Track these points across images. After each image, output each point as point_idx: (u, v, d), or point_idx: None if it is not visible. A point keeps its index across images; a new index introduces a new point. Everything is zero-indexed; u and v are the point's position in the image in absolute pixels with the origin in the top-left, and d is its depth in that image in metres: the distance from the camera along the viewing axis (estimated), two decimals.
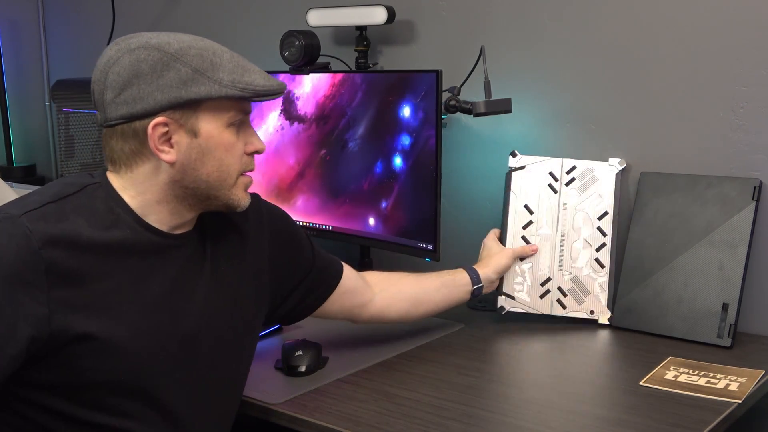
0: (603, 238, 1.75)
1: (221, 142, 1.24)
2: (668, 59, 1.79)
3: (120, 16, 2.66)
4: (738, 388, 1.44)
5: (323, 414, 1.39)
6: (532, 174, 1.80)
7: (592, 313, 1.73)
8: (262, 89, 1.24)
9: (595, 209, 1.76)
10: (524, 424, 1.34)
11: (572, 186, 1.77)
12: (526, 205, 1.78)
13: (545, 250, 1.77)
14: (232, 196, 1.28)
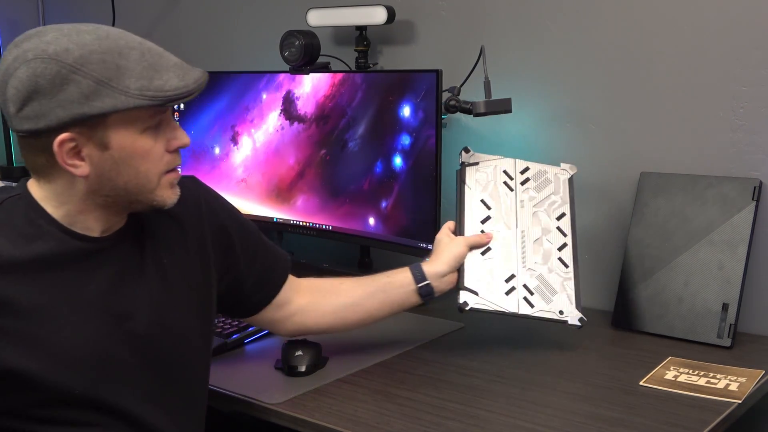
0: (564, 238, 1.66)
1: (135, 151, 1.18)
2: (668, 59, 1.79)
3: (120, 16, 2.66)
4: (738, 388, 1.44)
5: (323, 414, 1.39)
6: (486, 171, 1.72)
7: (562, 314, 1.60)
8: (175, 93, 1.16)
9: (552, 210, 1.69)
10: (524, 424, 1.34)
11: (527, 186, 1.70)
12: (482, 200, 1.68)
13: (506, 247, 1.63)
14: (156, 198, 1.24)
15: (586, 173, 1.92)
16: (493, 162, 1.73)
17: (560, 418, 1.36)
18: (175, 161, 1.25)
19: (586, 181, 1.92)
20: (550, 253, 1.65)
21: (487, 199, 1.68)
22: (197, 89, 1.19)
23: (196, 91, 1.19)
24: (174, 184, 1.26)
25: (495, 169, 1.72)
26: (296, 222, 2.11)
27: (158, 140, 1.21)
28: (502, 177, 1.71)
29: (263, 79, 2.13)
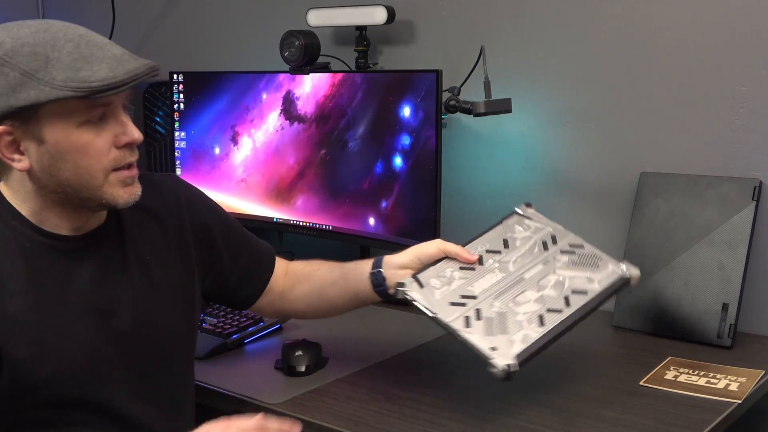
0: (563, 306, 1.37)
1: (72, 146, 1.14)
2: (668, 59, 1.79)
3: (120, 16, 2.66)
4: (738, 388, 1.44)
5: (323, 414, 1.39)
6: (533, 225, 1.53)
7: (493, 350, 1.29)
8: (101, 85, 1.11)
9: (575, 283, 1.42)
10: (524, 425, 1.34)
11: (567, 256, 1.47)
12: (506, 239, 1.49)
13: (491, 276, 1.42)
14: (106, 195, 1.19)
15: (586, 173, 1.92)
16: (546, 225, 1.53)
17: (560, 418, 1.36)
18: (124, 158, 1.19)
19: (586, 181, 1.92)
20: (535, 307, 1.37)
21: (512, 242, 1.49)
22: (129, 81, 1.13)
23: (128, 82, 1.13)
24: (127, 183, 1.21)
25: (545, 230, 1.52)
26: (296, 222, 2.11)
27: (101, 135, 1.17)
28: (546, 238, 1.50)
29: (263, 79, 2.13)
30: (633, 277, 1.46)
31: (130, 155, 1.21)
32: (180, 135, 2.29)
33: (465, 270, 1.43)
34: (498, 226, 1.53)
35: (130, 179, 1.21)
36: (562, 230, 1.52)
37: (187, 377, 1.39)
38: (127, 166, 1.20)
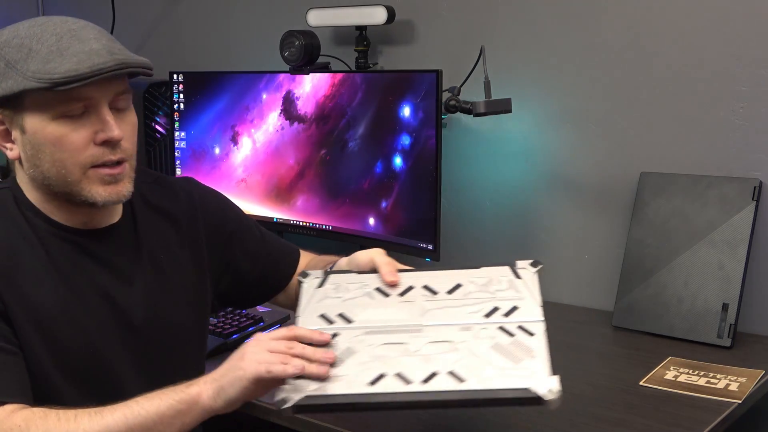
0: (418, 380, 1.08)
1: (47, 138, 1.16)
2: (668, 59, 1.79)
3: (120, 16, 2.66)
4: (738, 388, 1.44)
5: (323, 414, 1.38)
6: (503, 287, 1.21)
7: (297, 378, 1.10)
8: (61, 77, 1.11)
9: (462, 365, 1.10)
10: (524, 424, 1.34)
11: (500, 336, 1.14)
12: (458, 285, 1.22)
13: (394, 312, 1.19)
14: (84, 192, 1.19)
15: (586, 173, 1.92)
16: (523, 294, 1.20)
17: (560, 418, 1.36)
18: (104, 155, 1.18)
19: (586, 181, 1.92)
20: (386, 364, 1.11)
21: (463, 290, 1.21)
22: (91, 75, 1.12)
23: (89, 77, 1.12)
24: (107, 181, 1.19)
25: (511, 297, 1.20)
26: (296, 222, 2.11)
27: (78, 130, 1.17)
28: (501, 305, 1.19)
29: (263, 79, 2.13)
30: (547, 398, 1.09)
31: (111, 153, 1.19)
32: (180, 135, 2.29)
33: (379, 293, 1.21)
34: (477, 270, 1.24)
35: (110, 177, 1.19)
36: (533, 310, 1.17)
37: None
38: (108, 163, 1.19)
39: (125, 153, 1.21)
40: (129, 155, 1.22)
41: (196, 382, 1.14)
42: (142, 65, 1.19)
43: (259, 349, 1.10)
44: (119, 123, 1.20)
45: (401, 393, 1.07)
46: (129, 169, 1.23)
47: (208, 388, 1.12)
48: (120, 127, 1.19)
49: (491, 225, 2.05)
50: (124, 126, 1.20)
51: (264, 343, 1.11)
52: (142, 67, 1.19)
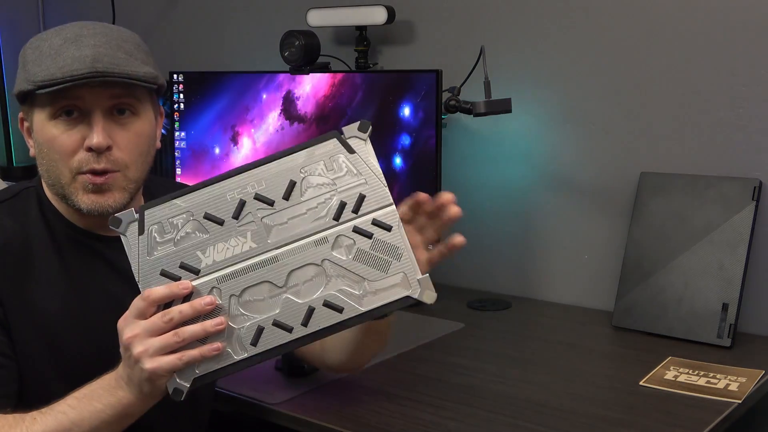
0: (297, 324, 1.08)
1: (44, 137, 1.18)
2: (668, 59, 1.79)
3: (120, 16, 2.66)
4: (738, 388, 1.44)
5: (323, 414, 1.39)
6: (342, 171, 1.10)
7: None
8: (41, 80, 1.13)
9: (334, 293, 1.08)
10: (524, 424, 1.34)
11: (356, 240, 1.10)
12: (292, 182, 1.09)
13: (237, 242, 1.09)
14: (72, 197, 1.19)
15: (586, 173, 1.92)
16: (363, 174, 1.10)
17: (560, 418, 1.36)
18: (86, 161, 1.17)
19: (586, 181, 1.92)
20: (260, 315, 1.08)
21: (299, 190, 1.10)
22: (63, 81, 1.12)
23: (61, 83, 1.12)
24: (88, 189, 1.18)
25: (352, 183, 1.10)
26: None
27: (70, 133, 1.17)
28: (347, 198, 1.10)
29: (263, 79, 2.13)
30: (426, 300, 1.08)
31: (94, 161, 1.17)
32: (180, 135, 2.29)
33: (210, 221, 1.08)
34: (301, 152, 1.09)
35: (92, 186, 1.17)
36: (379, 192, 1.09)
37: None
38: (93, 171, 1.17)
39: (114, 163, 1.18)
40: (122, 165, 1.19)
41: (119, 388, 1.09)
42: (126, 76, 1.16)
43: (145, 342, 1.04)
44: (116, 131, 1.18)
45: (287, 343, 1.06)
46: (121, 179, 1.19)
47: (135, 394, 1.08)
48: (117, 135, 1.18)
49: (491, 225, 2.04)
50: (121, 134, 1.18)
51: (141, 331, 1.04)
52: (127, 78, 1.16)
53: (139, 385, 1.07)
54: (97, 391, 1.10)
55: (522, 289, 2.02)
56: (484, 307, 1.93)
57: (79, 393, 1.10)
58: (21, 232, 1.21)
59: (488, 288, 2.07)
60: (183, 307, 1.04)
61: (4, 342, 1.17)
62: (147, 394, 1.08)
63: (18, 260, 1.20)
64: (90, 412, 1.09)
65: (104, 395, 1.09)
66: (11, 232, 1.21)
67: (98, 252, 1.25)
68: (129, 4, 2.71)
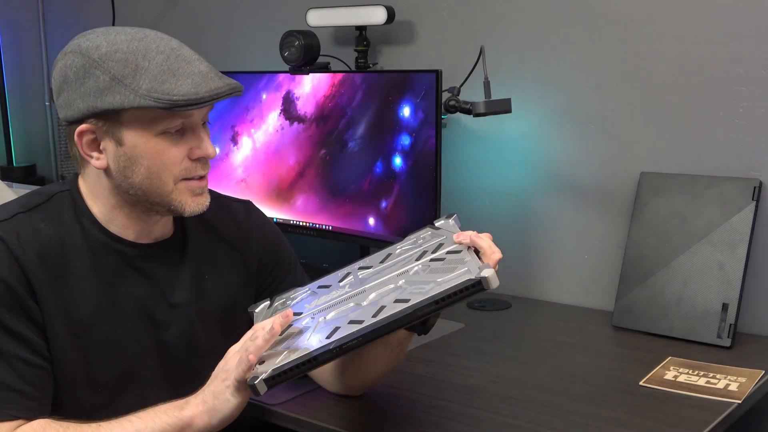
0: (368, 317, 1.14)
1: (148, 152, 1.20)
2: (668, 59, 1.79)
3: (120, 16, 2.66)
4: (738, 388, 1.44)
5: (323, 414, 1.39)
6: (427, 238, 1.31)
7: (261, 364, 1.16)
8: (182, 99, 1.16)
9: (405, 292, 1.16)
10: (524, 425, 1.34)
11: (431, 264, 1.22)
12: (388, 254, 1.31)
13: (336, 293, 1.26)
14: (174, 202, 1.24)
15: (586, 173, 1.92)
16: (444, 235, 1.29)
17: (560, 418, 1.36)
18: (195, 170, 1.24)
19: (586, 181, 1.92)
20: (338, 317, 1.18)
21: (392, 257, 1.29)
22: (210, 99, 1.18)
23: (207, 100, 1.18)
24: (196, 193, 1.26)
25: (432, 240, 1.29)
26: (296, 222, 2.11)
27: (178, 146, 1.22)
28: (428, 247, 1.27)
29: (263, 79, 2.13)
30: (486, 280, 1.11)
31: (202, 168, 1.25)
32: None
33: (320, 288, 1.31)
34: (403, 240, 1.33)
35: (199, 189, 1.26)
36: (454, 243, 1.24)
37: None
38: (197, 177, 1.25)
39: (209, 168, 1.28)
40: (209, 169, 1.28)
41: (187, 405, 1.17)
42: (241, 89, 1.25)
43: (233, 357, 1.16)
44: (209, 140, 1.26)
45: (358, 332, 1.11)
46: (206, 182, 1.29)
47: (201, 413, 1.15)
48: (211, 144, 1.26)
49: (491, 225, 2.03)
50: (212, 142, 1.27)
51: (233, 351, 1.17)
52: (241, 90, 1.25)
53: (219, 404, 1.16)
54: (165, 406, 1.18)
55: (522, 289, 2.02)
56: (484, 307, 1.93)
57: (147, 409, 1.17)
58: (56, 236, 1.22)
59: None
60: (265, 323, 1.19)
61: (41, 344, 1.19)
62: (218, 418, 1.16)
63: (53, 265, 1.21)
64: (154, 421, 1.16)
65: (171, 409, 1.17)
66: (46, 237, 1.22)
67: (130, 259, 1.27)
68: (129, 4, 2.71)
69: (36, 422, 1.15)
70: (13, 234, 1.19)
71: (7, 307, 1.16)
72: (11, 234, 1.19)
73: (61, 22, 2.97)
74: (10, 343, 1.16)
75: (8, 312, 1.16)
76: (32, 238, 1.20)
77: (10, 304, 1.16)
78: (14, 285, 1.16)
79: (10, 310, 1.16)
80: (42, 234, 1.21)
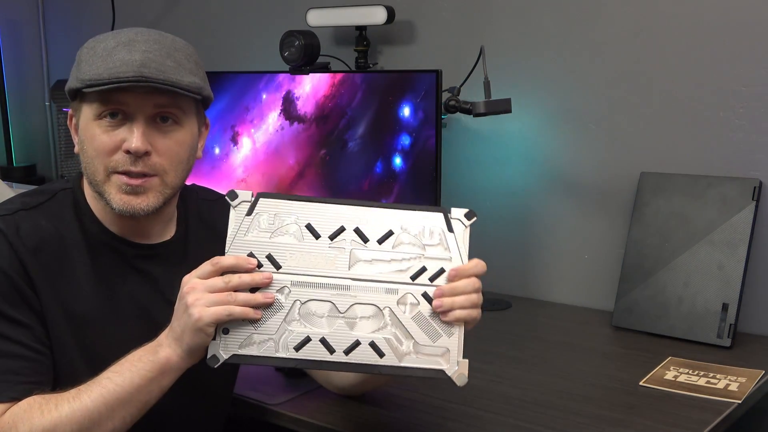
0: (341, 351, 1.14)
1: (87, 135, 1.21)
2: (668, 59, 1.79)
3: (120, 16, 2.66)
4: (738, 389, 1.44)
5: (323, 414, 1.39)
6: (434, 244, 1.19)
7: None
8: (90, 80, 1.16)
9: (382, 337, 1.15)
10: (524, 425, 1.34)
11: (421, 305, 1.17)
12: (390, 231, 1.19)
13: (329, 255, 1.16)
14: (105, 195, 1.21)
15: (586, 173, 1.92)
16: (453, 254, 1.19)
17: (560, 418, 1.36)
18: (122, 162, 1.19)
19: (586, 181, 1.92)
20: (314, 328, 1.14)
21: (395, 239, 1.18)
22: (108, 83, 1.15)
23: (107, 83, 1.15)
24: (125, 190, 1.20)
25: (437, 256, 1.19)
26: None
27: (111, 134, 1.19)
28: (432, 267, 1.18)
29: (263, 79, 2.13)
30: (457, 382, 1.16)
31: (131, 164, 1.19)
32: None
33: (309, 232, 1.18)
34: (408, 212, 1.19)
35: (128, 187, 1.20)
36: None
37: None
38: (130, 173, 1.20)
39: (153, 168, 1.21)
40: (160, 170, 1.22)
41: (159, 345, 1.14)
42: (170, 83, 1.18)
43: (201, 294, 1.10)
44: (157, 137, 1.21)
45: (323, 361, 1.13)
46: (158, 184, 1.22)
47: (175, 349, 1.13)
48: (157, 141, 1.20)
49: (491, 225, 2.04)
50: (162, 141, 1.21)
51: (200, 285, 1.10)
52: (171, 85, 1.18)
53: (181, 336, 1.11)
54: (137, 353, 1.15)
55: (522, 289, 2.02)
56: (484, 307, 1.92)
57: (120, 360, 1.15)
58: (56, 232, 1.23)
59: (488, 288, 2.06)
60: (243, 275, 1.11)
61: (42, 333, 1.19)
62: (187, 350, 1.12)
63: (52, 259, 1.21)
64: (131, 372, 1.13)
65: (145, 355, 1.14)
66: (47, 232, 1.22)
67: (129, 258, 1.27)
68: (129, 4, 2.71)
69: (24, 401, 1.14)
70: (13, 227, 1.20)
71: (6, 297, 1.17)
72: (11, 227, 1.20)
73: (61, 22, 2.97)
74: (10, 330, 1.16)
75: (7, 301, 1.16)
76: (32, 233, 1.20)
77: (9, 293, 1.17)
78: (13, 275, 1.17)
79: (10, 300, 1.17)
80: (42, 229, 1.22)
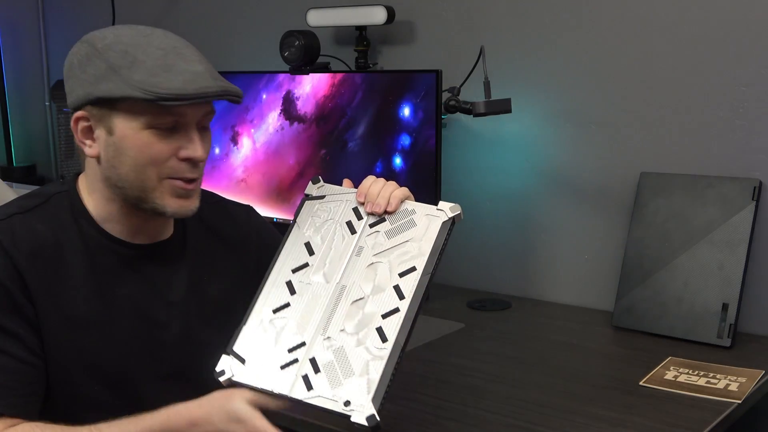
0: (398, 301, 1.19)
1: (135, 144, 1.18)
2: (668, 59, 1.79)
3: (120, 16, 2.66)
4: (738, 388, 1.44)
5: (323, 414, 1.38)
6: (330, 207, 1.31)
7: (347, 405, 1.15)
8: (167, 93, 1.14)
9: (400, 262, 1.23)
10: (524, 425, 1.34)
11: (379, 228, 1.28)
12: (308, 243, 1.27)
13: (311, 305, 1.22)
14: (156, 201, 1.21)
15: (586, 173, 1.92)
16: (343, 197, 1.31)
17: (560, 418, 1.36)
18: (181, 170, 1.21)
19: (586, 181, 1.92)
20: (369, 320, 1.19)
21: (316, 241, 1.27)
22: (196, 97, 1.16)
23: (194, 98, 1.16)
24: (179, 194, 1.22)
25: (344, 205, 1.30)
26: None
27: (166, 142, 1.20)
28: (348, 215, 1.29)
29: (263, 79, 2.13)
30: (457, 215, 1.32)
31: (189, 171, 1.22)
32: None
33: (279, 310, 1.23)
34: (294, 228, 1.29)
35: (183, 191, 1.23)
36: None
37: None
38: (184, 179, 1.22)
39: (201, 172, 1.24)
40: (202, 174, 1.26)
41: None
42: (237, 94, 1.22)
43: None
44: (202, 143, 1.23)
45: (404, 318, 1.18)
46: (199, 186, 1.26)
47: None
48: (202, 146, 1.23)
49: (491, 225, 2.04)
50: (205, 146, 1.24)
51: None
52: (237, 96, 1.22)
53: None
54: None
55: (522, 289, 2.02)
56: (484, 307, 1.93)
57: None
58: (52, 236, 1.22)
59: (488, 288, 2.07)
60: None
61: (34, 342, 1.19)
62: None
63: (49, 263, 1.21)
64: None
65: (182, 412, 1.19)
66: (43, 236, 1.22)
67: (127, 260, 1.27)
68: (129, 4, 2.71)
69: (20, 427, 1.14)
70: (8, 233, 1.19)
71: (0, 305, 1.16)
72: (6, 233, 1.19)
73: (61, 22, 2.97)
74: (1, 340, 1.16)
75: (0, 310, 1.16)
76: (27, 238, 1.20)
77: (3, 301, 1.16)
78: (7, 283, 1.16)
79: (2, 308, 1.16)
80: (38, 234, 1.21)
